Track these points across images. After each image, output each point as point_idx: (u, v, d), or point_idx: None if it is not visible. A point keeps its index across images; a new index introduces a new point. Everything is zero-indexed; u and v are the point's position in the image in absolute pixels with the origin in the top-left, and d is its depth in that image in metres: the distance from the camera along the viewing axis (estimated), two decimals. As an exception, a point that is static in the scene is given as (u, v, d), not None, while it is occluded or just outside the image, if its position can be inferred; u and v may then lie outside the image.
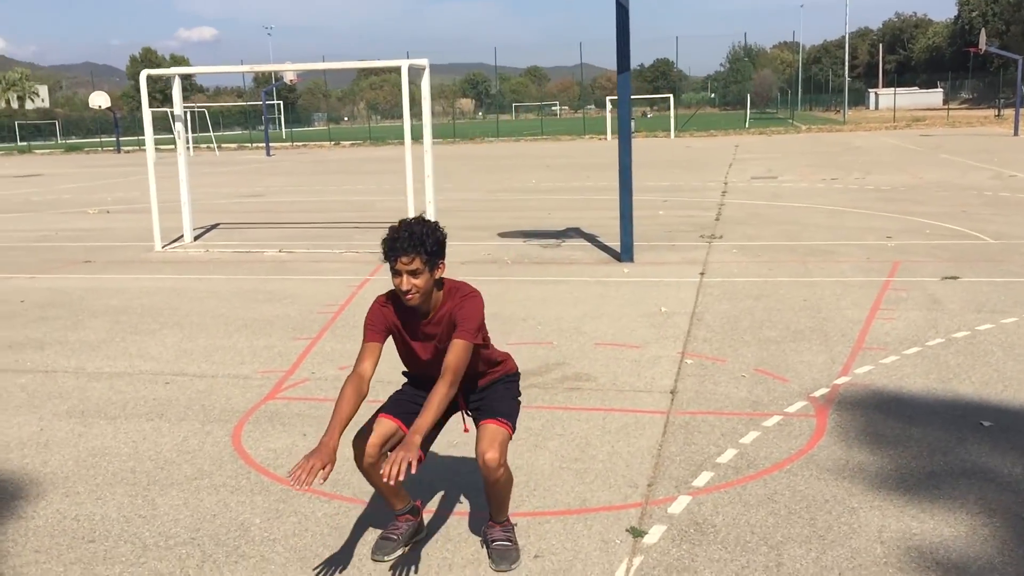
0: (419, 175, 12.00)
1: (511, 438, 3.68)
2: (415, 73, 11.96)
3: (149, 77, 12.71)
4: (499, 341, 7.17)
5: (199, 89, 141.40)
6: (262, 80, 75.40)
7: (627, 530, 3.96)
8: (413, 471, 3.12)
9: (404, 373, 3.86)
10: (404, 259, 3.35)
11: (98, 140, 67.47)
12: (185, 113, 51.15)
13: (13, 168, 39.82)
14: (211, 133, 51.14)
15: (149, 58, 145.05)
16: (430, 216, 12.06)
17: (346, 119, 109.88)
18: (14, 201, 21.72)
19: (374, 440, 3.61)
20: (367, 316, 3.60)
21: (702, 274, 9.66)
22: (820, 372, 6.13)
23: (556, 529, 4.01)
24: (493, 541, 3.79)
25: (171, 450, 5.04)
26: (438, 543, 3.94)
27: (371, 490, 4.26)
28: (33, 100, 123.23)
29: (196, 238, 13.42)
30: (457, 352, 3.43)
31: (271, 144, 47.08)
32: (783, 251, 10.95)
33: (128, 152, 54.85)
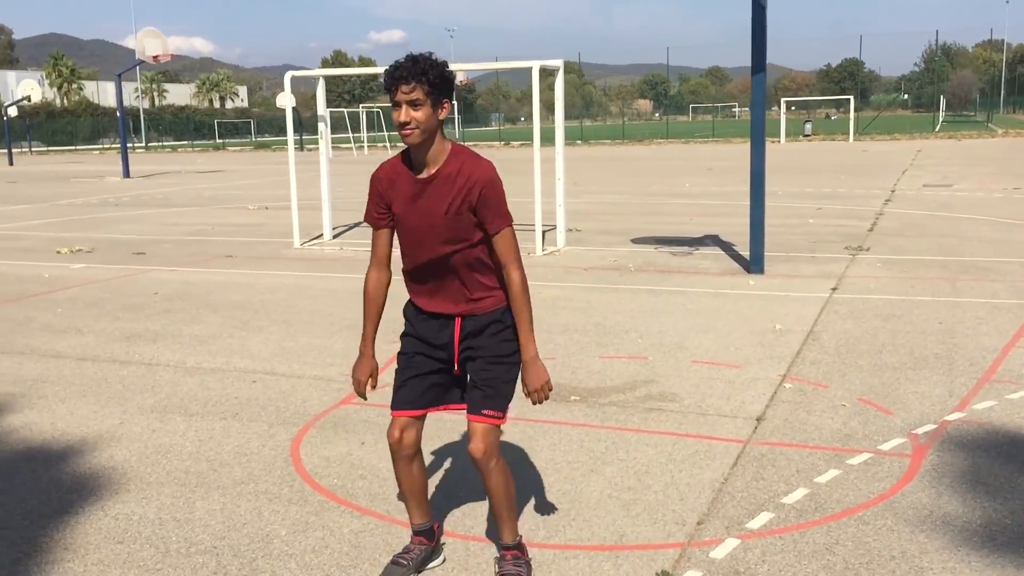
0: (558, 177, 11.81)
1: (503, 423, 3.51)
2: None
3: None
4: (593, 352, 6.93)
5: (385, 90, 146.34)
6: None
7: (657, 574, 3.64)
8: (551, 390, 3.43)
9: (405, 273, 3.53)
10: (404, 88, 3.14)
11: (285, 139, 70.93)
12: (362, 113, 53.06)
13: (202, 164, 42.32)
14: (385, 133, 52.71)
15: (339, 60, 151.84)
16: (559, 220, 11.87)
17: (523, 119, 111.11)
18: (187, 195, 23.00)
19: (409, 436, 3.49)
20: (368, 200, 3.44)
21: (834, 289, 9.02)
22: (932, 405, 5.54)
23: (582, 566, 3.73)
24: (502, 574, 3.56)
25: (230, 452, 5.06)
26: (453, 571, 3.74)
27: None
28: (232, 100, 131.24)
29: (336, 236, 13.73)
30: (507, 241, 3.30)
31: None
32: (933, 267, 10.11)
33: (311, 150, 57.35)
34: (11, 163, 42.48)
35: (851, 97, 52.50)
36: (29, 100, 43.86)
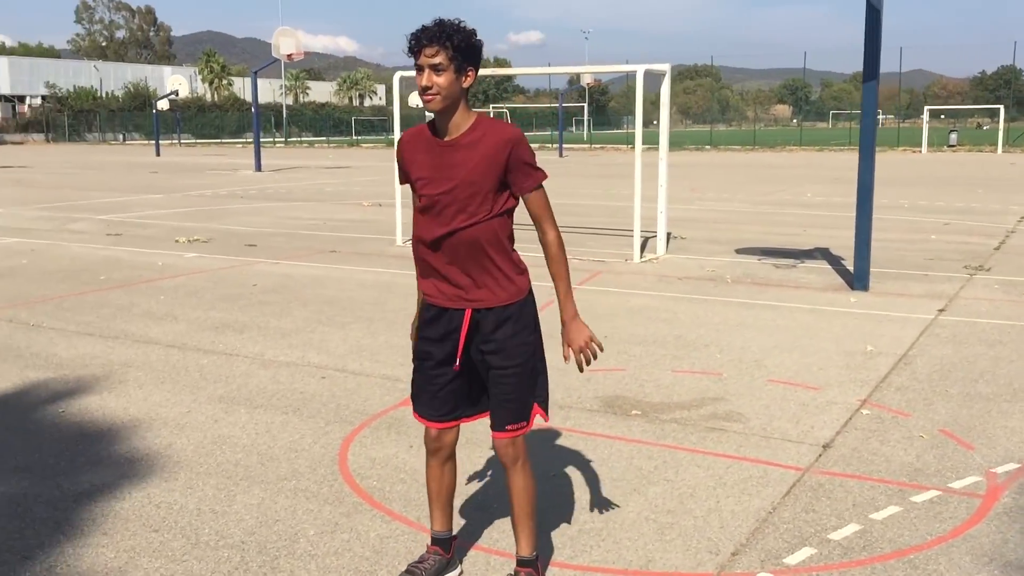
0: (660, 183, 11.57)
1: (531, 426, 3.45)
2: (653, 79, 11.55)
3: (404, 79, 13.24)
4: (667, 366, 6.74)
5: (520, 90, 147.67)
6: (575, 82, 77.22)
7: (676, 604, 3.48)
8: (601, 349, 3.39)
9: (416, 256, 3.44)
10: (428, 51, 3.07)
11: (416, 136, 72.23)
12: (491, 114, 53.46)
13: (329, 160, 43.51)
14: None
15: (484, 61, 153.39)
16: (660, 227, 11.64)
17: (654, 123, 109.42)
18: (310, 190, 23.66)
19: (448, 437, 3.48)
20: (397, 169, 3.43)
21: (940, 311, 8.52)
22: (1021, 443, 5.14)
23: (599, 590, 3.60)
24: None
25: (282, 447, 5.13)
26: (467, 585, 3.67)
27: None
28: (371, 98, 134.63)
29: (439, 235, 13.83)
30: (540, 201, 3.26)
31: (566, 146, 48.04)
32: (1057, 291, 9.44)
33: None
34: (158, 154, 44.72)
35: (1001, 106, 49.76)
36: (177, 95, 46.11)
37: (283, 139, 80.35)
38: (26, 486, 4.59)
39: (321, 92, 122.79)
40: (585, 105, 75.11)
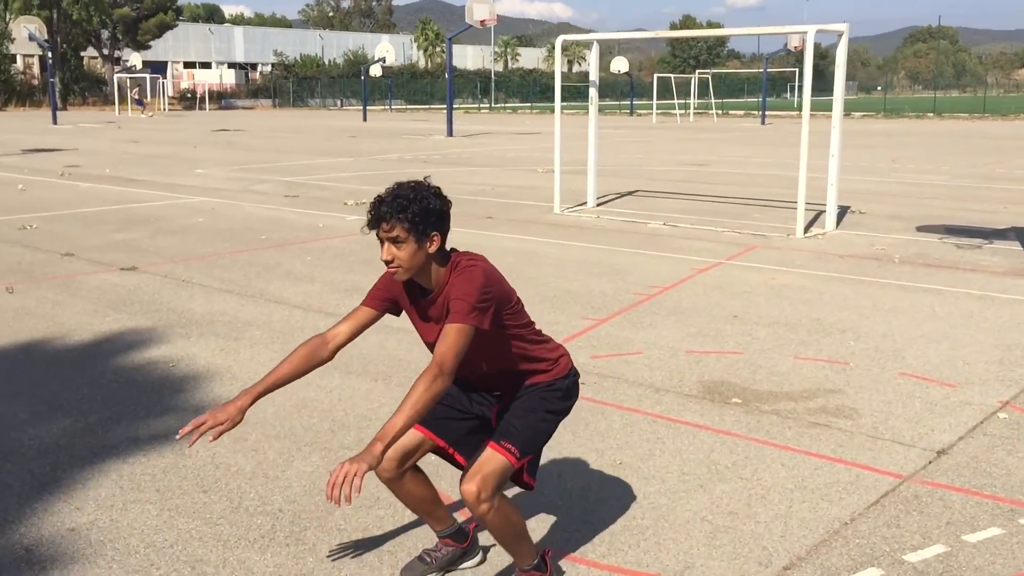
0: (832, 153, 10.78)
1: (516, 467, 3.08)
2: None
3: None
4: (790, 351, 6.22)
5: (735, 55, 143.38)
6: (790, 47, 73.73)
7: (698, 619, 3.15)
8: (356, 492, 2.72)
9: None
10: (385, 225, 2.94)
11: (616, 103, 71.63)
12: (694, 79, 52.13)
13: (525, 126, 43.72)
14: (711, 100, 51.55)
15: (687, 24, 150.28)
16: (830, 200, 10.89)
17: (879, 88, 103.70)
18: (491, 156, 23.80)
19: (389, 453, 3.25)
20: (377, 280, 3.24)
21: None
22: None
23: (621, 594, 3.32)
24: None
25: (358, 414, 5.09)
26: (484, 572, 3.47)
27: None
28: (580, 64, 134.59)
29: (599, 204, 13.55)
30: (446, 339, 2.91)
31: (774, 112, 46.15)
32: None
33: (640, 115, 57.46)
34: (364, 119, 46.49)
35: None
36: (384, 61, 47.60)
37: (488, 105, 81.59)
38: (102, 433, 4.77)
39: (531, 58, 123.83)
40: (797, 71, 71.76)
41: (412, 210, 2.92)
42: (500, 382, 3.22)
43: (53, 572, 3.45)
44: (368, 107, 48.83)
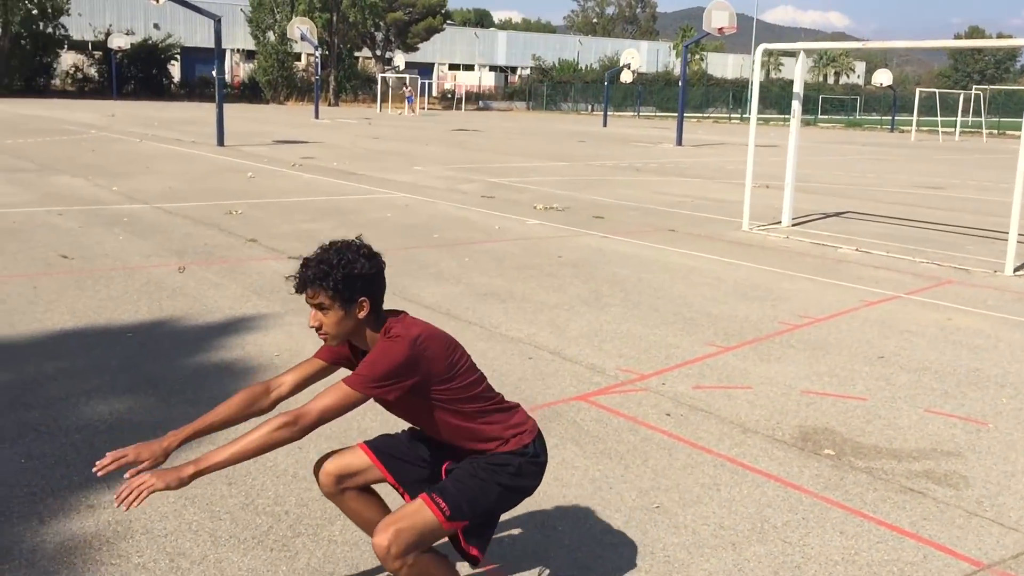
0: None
1: (446, 529, 2.83)
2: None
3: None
4: (923, 403, 5.50)
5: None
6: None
7: None
8: (137, 504, 2.63)
9: None
10: (309, 291, 2.82)
11: (877, 118, 67.61)
12: (963, 96, 48.17)
13: (766, 138, 42.13)
14: (983, 118, 47.48)
15: (972, 35, 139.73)
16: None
17: None
18: (707, 167, 23.05)
19: (329, 467, 3.13)
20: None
21: None
22: None
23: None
24: None
25: (419, 422, 4.98)
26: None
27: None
28: (847, 76, 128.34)
29: (796, 223, 12.72)
30: (324, 396, 2.75)
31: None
32: None
33: (902, 132, 53.96)
34: (604, 124, 46.58)
35: None
36: (629, 67, 47.52)
37: (738, 116, 79.49)
38: (175, 414, 4.93)
39: (794, 69, 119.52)
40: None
41: (334, 277, 2.77)
42: (446, 444, 3.02)
43: (51, 543, 3.58)
44: (617, 113, 48.85)
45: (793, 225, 12.65)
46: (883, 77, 55.76)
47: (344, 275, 2.77)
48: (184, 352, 6.11)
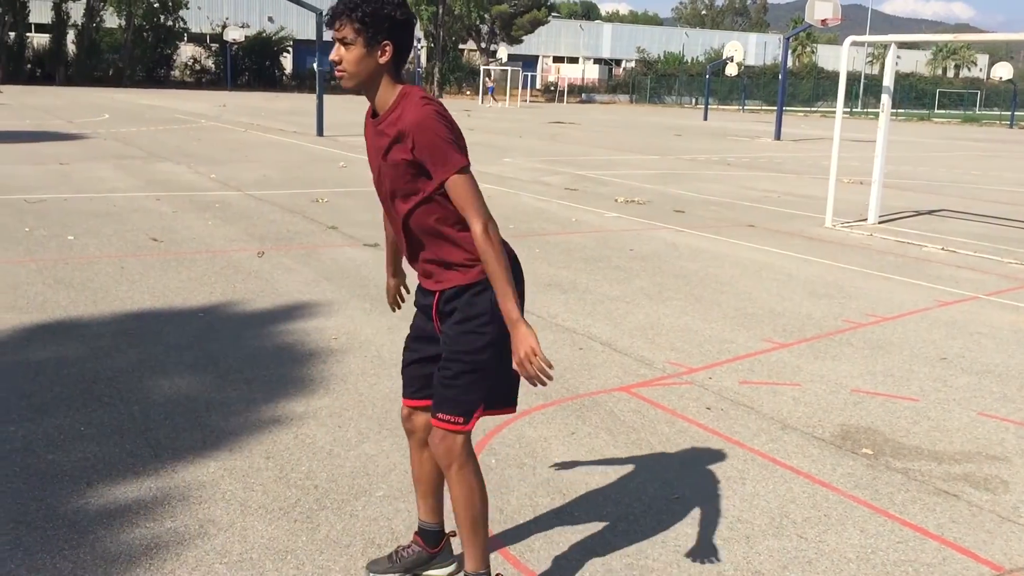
0: None
1: (470, 428, 3.05)
2: None
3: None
4: (980, 406, 5.35)
5: None
6: None
7: None
8: (550, 367, 2.77)
9: None
10: (337, 24, 2.85)
11: (997, 114, 64.83)
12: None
13: (861, 132, 40.83)
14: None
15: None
16: None
17: None
18: (801, 162, 22.50)
19: (415, 423, 3.28)
20: None
21: None
22: None
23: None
24: None
25: (459, 407, 5.09)
26: (446, 587, 3.36)
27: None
28: (969, 69, 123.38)
29: (883, 221, 12.39)
30: (459, 190, 2.83)
31: None
32: None
33: (1022, 128, 51.75)
34: (705, 118, 45.98)
35: None
36: (732, 60, 46.77)
37: (848, 110, 77.34)
38: (216, 393, 5.17)
39: (910, 61, 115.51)
40: None
41: (363, 10, 2.80)
42: (423, 249, 3.03)
43: (94, 506, 3.82)
44: (721, 107, 48.09)
45: (880, 222, 12.32)
46: (1003, 71, 53.48)
47: (373, 10, 2.80)
48: (247, 333, 6.37)
